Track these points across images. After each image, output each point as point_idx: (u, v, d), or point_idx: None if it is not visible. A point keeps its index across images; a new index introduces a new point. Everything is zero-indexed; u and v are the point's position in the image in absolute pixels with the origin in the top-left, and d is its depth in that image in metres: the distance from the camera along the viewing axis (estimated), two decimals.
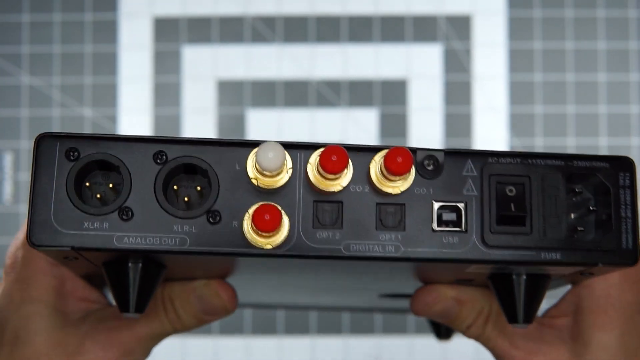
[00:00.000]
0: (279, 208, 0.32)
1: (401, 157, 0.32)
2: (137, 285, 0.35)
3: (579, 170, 0.34)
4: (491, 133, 0.86)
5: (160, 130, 0.86)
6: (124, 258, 0.35)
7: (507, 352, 0.41)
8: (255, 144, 0.33)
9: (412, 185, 0.33)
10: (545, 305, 0.43)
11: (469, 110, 0.87)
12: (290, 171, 0.33)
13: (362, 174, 0.33)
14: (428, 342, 0.84)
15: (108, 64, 0.87)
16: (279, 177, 0.32)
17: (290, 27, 0.88)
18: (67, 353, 0.39)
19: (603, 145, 0.86)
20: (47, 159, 0.33)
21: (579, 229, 0.34)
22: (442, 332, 0.59)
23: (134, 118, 0.86)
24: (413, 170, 0.33)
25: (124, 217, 0.32)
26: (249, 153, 0.33)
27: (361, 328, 0.84)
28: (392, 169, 0.32)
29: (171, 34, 0.88)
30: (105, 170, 0.33)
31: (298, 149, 0.33)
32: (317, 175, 0.33)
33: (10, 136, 0.85)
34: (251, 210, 0.32)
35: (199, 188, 0.33)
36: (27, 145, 0.85)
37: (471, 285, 0.41)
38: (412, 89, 0.87)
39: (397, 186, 0.33)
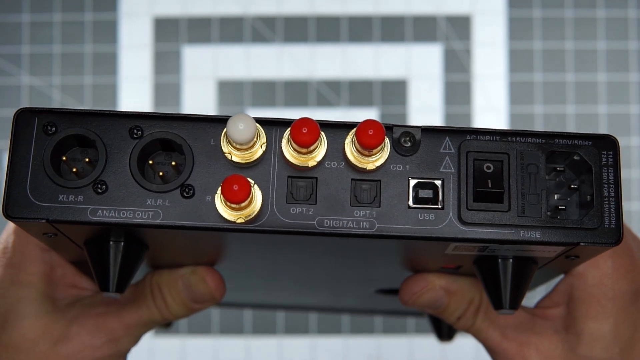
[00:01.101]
0: (248, 180, 0.31)
1: (372, 130, 0.31)
2: (118, 264, 0.35)
3: (560, 148, 0.33)
4: None
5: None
6: (105, 236, 0.35)
7: (499, 344, 0.40)
8: (229, 117, 0.33)
9: (387, 161, 0.33)
10: (538, 296, 0.43)
11: (469, 110, 0.87)
12: (264, 146, 0.33)
13: (337, 150, 0.33)
14: (428, 342, 0.84)
15: (108, 64, 0.87)
16: (252, 151, 0.32)
17: (290, 27, 0.88)
18: (54, 337, 0.39)
19: None
20: (25, 133, 0.33)
21: (560, 207, 0.33)
22: (444, 333, 0.59)
23: None
24: (389, 147, 0.33)
25: (99, 190, 0.33)
26: (224, 128, 0.33)
27: (361, 328, 0.84)
28: (364, 142, 0.32)
29: (171, 34, 0.88)
30: (84, 147, 0.33)
31: (273, 125, 0.33)
32: (290, 150, 0.32)
33: None
34: (220, 188, 0.32)
35: (174, 163, 0.33)
36: None
37: (460, 275, 0.40)
38: (412, 89, 0.87)
39: (372, 161, 0.33)
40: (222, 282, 0.41)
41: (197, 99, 0.87)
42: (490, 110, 0.87)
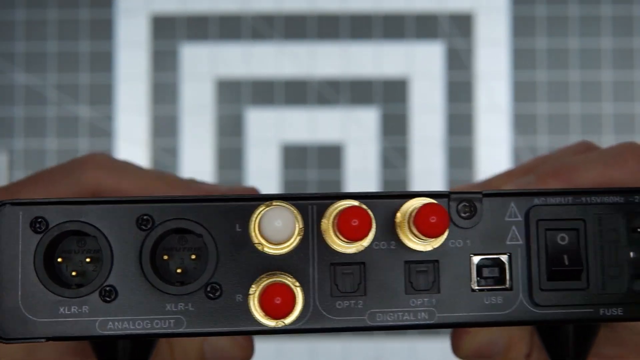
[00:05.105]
0: (292, 286, 0.28)
1: (436, 217, 0.27)
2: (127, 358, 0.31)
3: None
4: (494, 132, 0.86)
5: (158, 129, 0.85)
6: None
7: None
8: (259, 199, 0.29)
9: (446, 237, 0.29)
10: None
11: (471, 109, 0.86)
12: (302, 232, 0.28)
13: (386, 227, 0.29)
14: (429, 346, 0.83)
15: (105, 62, 0.86)
16: (289, 242, 0.28)
17: (289, 24, 0.87)
18: None
19: (607, 144, 0.85)
20: (9, 232, 0.28)
21: None
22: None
23: (131, 117, 0.86)
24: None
25: (107, 298, 0.28)
26: (252, 212, 0.28)
27: None
28: (426, 232, 0.28)
29: (169, 31, 0.87)
30: (82, 236, 0.29)
31: (309, 200, 0.29)
32: (333, 237, 0.28)
33: (5, 135, 0.85)
34: (257, 289, 0.28)
35: (193, 257, 0.29)
36: (21, 145, 0.85)
37: None
38: (413, 87, 0.86)
39: (430, 242, 0.29)
40: (253, 346, 0.36)
41: (195, 98, 0.86)
42: (493, 109, 0.86)
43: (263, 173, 0.85)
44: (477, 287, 0.29)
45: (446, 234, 0.29)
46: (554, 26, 0.87)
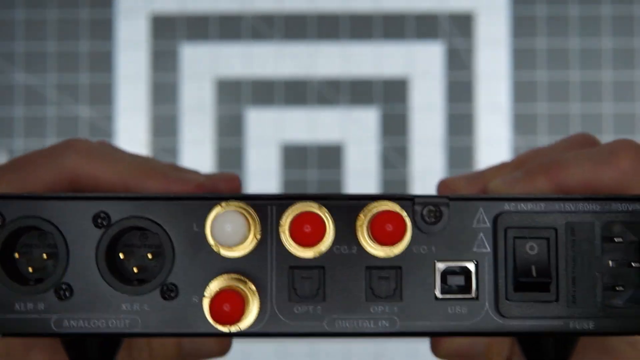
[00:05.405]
0: (246, 291, 0.27)
1: (392, 225, 0.27)
2: (95, 356, 0.30)
3: (619, 217, 0.28)
4: (494, 132, 0.85)
5: (157, 129, 0.85)
6: None
7: None
8: (215, 198, 0.28)
9: (410, 243, 0.28)
10: None
11: (471, 109, 0.86)
12: (259, 235, 0.28)
13: (347, 231, 0.28)
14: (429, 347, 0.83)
15: (105, 62, 0.86)
16: (244, 244, 0.28)
17: (289, 24, 0.87)
18: None
19: None
20: None
21: (617, 288, 0.28)
22: None
23: (131, 117, 0.86)
24: (410, 226, 0.27)
25: (62, 296, 0.28)
26: (209, 212, 0.28)
27: None
28: (381, 240, 0.27)
29: (169, 31, 0.87)
30: (42, 230, 0.28)
31: (268, 201, 0.28)
32: (290, 241, 0.28)
33: (5, 135, 0.85)
34: (210, 294, 0.27)
35: (150, 256, 0.28)
36: (21, 145, 0.85)
37: None
38: (413, 87, 0.86)
39: (391, 249, 0.28)
40: (231, 340, 0.36)
41: (195, 98, 0.86)
42: (493, 109, 0.86)
43: (263, 173, 0.85)
44: (441, 296, 0.28)
45: (408, 240, 0.28)
46: (554, 26, 0.86)
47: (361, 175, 0.85)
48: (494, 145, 0.85)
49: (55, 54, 0.86)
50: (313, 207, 0.28)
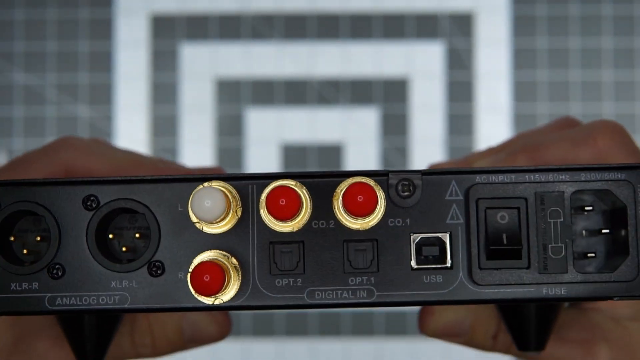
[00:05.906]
0: (223, 266, 0.28)
1: (362, 196, 0.28)
2: (93, 335, 0.33)
3: (587, 186, 0.29)
4: (494, 132, 0.85)
5: (157, 129, 0.85)
6: None
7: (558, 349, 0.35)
8: (199, 179, 0.29)
9: (384, 216, 0.29)
10: None
11: (471, 109, 0.86)
12: (239, 211, 0.29)
13: (325, 207, 0.29)
14: (430, 345, 0.83)
15: (104, 61, 0.86)
16: (226, 221, 0.29)
17: (289, 24, 0.87)
18: None
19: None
20: None
21: (588, 255, 0.29)
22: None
23: (131, 117, 0.86)
24: (384, 200, 0.29)
25: (55, 275, 0.29)
26: (192, 191, 0.29)
27: (361, 330, 0.83)
28: (353, 211, 0.28)
29: (169, 31, 0.87)
30: (36, 214, 0.30)
31: (249, 180, 0.29)
32: (270, 217, 0.29)
33: (4, 135, 0.85)
34: (192, 269, 0.29)
35: (137, 235, 0.30)
36: (21, 145, 0.85)
37: None
38: (413, 87, 0.86)
39: (367, 221, 0.29)
40: (231, 323, 0.37)
41: (195, 98, 0.86)
42: (494, 109, 0.86)
43: None
44: (416, 266, 0.29)
45: (382, 212, 0.29)
46: (554, 26, 0.86)
47: None
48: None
49: (54, 53, 0.86)
50: (289, 183, 0.29)
